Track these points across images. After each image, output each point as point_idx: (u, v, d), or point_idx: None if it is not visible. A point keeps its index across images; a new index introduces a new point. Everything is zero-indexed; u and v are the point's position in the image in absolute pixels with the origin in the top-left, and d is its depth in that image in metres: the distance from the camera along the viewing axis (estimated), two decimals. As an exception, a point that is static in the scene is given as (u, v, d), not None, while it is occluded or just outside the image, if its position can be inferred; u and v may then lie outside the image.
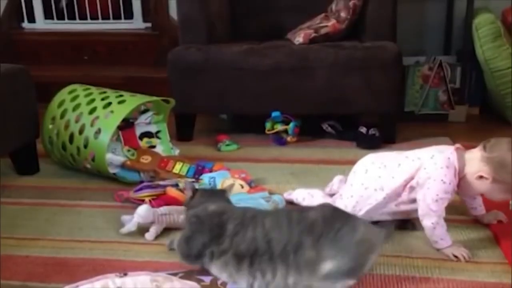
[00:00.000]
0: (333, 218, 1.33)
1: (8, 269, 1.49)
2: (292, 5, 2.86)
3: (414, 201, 1.58)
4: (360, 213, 1.62)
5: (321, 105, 2.47)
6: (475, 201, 1.70)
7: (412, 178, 1.58)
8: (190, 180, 1.96)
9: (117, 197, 1.91)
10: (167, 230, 1.66)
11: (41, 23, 3.72)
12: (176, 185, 1.89)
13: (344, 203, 1.65)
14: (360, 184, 1.66)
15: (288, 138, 2.51)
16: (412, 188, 1.58)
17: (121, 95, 2.11)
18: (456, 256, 1.50)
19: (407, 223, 1.68)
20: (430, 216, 1.52)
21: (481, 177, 1.51)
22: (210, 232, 1.38)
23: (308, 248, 1.27)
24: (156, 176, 2.07)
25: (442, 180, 1.52)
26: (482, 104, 2.95)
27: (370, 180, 1.64)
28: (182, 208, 1.66)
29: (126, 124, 2.26)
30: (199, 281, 1.31)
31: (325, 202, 1.63)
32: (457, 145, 1.59)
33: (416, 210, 1.57)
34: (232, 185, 1.68)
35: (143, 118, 2.32)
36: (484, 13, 2.70)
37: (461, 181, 1.55)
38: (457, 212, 1.76)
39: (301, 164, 2.27)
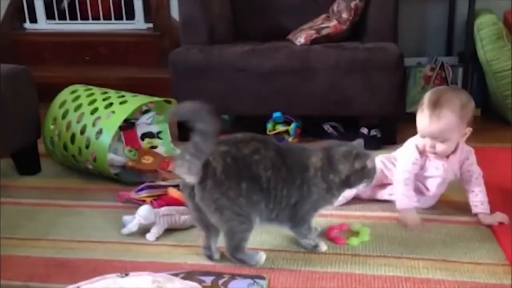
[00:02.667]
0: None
1: (9, 269, 1.49)
2: (294, 6, 2.86)
3: None
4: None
5: (322, 106, 2.47)
6: (476, 197, 1.71)
7: None
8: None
9: (119, 198, 1.91)
10: (168, 231, 1.66)
11: (43, 24, 3.73)
12: (177, 186, 1.88)
13: None
14: None
15: (290, 139, 2.51)
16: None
17: (122, 96, 2.12)
18: (406, 223, 1.61)
19: None
20: (397, 172, 1.72)
21: None
22: None
23: None
24: (157, 176, 2.07)
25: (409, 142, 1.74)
26: (484, 105, 2.94)
27: None
28: (183, 208, 1.66)
29: (128, 125, 2.26)
30: (200, 282, 1.31)
31: None
32: None
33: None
34: None
35: (144, 119, 2.32)
36: (486, 14, 2.70)
37: None
38: (458, 212, 1.76)
39: (303, 165, 2.26)
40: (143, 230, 1.64)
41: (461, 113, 1.62)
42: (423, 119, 1.64)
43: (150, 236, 1.63)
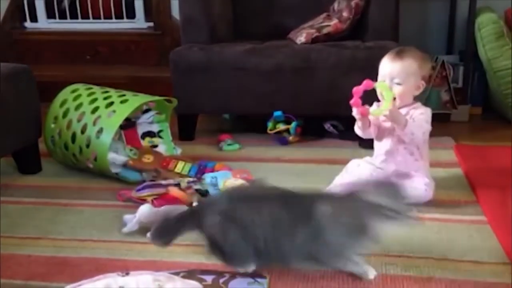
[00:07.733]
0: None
1: (10, 268, 1.50)
2: (294, 5, 2.86)
3: None
4: None
5: (323, 105, 2.47)
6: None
7: None
8: (192, 179, 1.97)
9: (119, 197, 1.91)
10: (169, 230, 1.66)
11: (43, 23, 3.73)
12: (178, 185, 1.89)
13: None
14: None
15: (290, 138, 2.51)
16: None
17: (123, 95, 2.12)
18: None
19: None
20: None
21: None
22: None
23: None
24: (158, 175, 2.07)
25: None
26: (485, 104, 2.94)
27: None
28: (184, 207, 1.66)
29: (128, 124, 2.26)
30: (201, 281, 1.31)
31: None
32: None
33: None
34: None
35: (145, 118, 2.32)
36: (486, 12, 2.70)
37: None
38: (459, 211, 1.76)
39: (303, 164, 2.27)
40: (144, 229, 1.64)
41: (421, 63, 1.77)
42: (386, 62, 1.79)
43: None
